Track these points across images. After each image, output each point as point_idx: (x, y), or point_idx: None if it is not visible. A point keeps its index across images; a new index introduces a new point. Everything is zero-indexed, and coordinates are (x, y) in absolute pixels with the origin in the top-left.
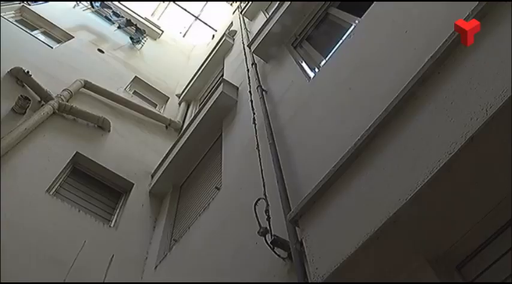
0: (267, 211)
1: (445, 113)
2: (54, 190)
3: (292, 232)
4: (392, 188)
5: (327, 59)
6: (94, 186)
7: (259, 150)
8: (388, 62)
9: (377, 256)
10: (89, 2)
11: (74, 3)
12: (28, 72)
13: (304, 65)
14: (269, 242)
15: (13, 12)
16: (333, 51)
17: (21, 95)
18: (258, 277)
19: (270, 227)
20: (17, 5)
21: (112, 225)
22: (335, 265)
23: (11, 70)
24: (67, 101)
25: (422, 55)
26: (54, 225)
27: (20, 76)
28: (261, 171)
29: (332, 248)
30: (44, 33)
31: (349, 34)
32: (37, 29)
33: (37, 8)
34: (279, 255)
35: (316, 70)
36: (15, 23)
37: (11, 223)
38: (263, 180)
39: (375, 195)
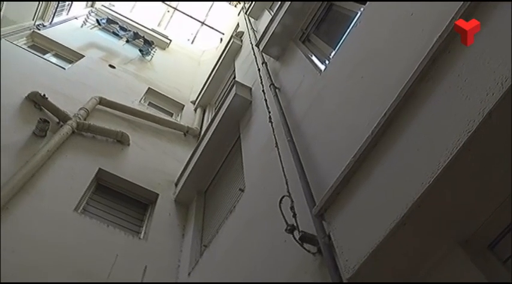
0: (292, 207)
1: (459, 91)
2: (81, 208)
3: (319, 226)
4: (413, 173)
5: (336, 49)
6: (120, 200)
7: (278, 148)
8: (397, 46)
9: (405, 242)
10: (95, 20)
11: (81, 23)
12: (44, 95)
13: (314, 58)
14: (297, 239)
15: (25, 38)
16: (341, 41)
17: (40, 118)
18: (290, 274)
19: (296, 223)
20: (28, 31)
21: (142, 237)
22: (365, 255)
23: (28, 95)
24: (84, 119)
25: (431, 35)
26: (86, 242)
27: (37, 100)
28: (282, 168)
29: (360, 239)
30: (56, 55)
31: (355, 22)
32: (48, 52)
33: (46, 31)
34: (308, 251)
35: (327, 62)
36: (27, 49)
37: (44, 244)
38: (285, 177)
39: (397, 181)
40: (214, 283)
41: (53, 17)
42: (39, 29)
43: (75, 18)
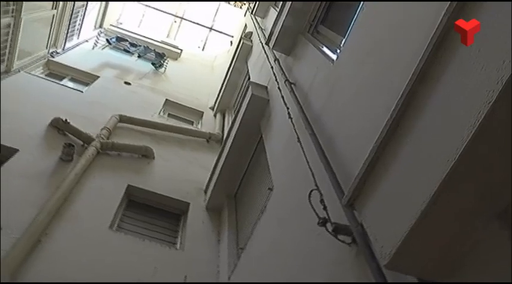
0: (321, 200)
1: (474, 62)
2: (116, 225)
3: (350, 216)
4: (438, 150)
5: (345, 37)
6: (152, 213)
7: (301, 143)
8: (406, 24)
9: (439, 222)
10: (105, 40)
11: (92, 44)
12: (66, 120)
13: (325, 49)
14: (331, 231)
15: (41, 68)
16: (350, 28)
17: (65, 143)
18: (328, 267)
19: (328, 216)
20: (43, 60)
21: (178, 247)
22: (399, 239)
23: (50, 122)
24: (108, 138)
25: (439, 9)
26: (124, 258)
27: (59, 126)
28: (307, 162)
29: (393, 224)
30: (72, 79)
31: (361, 7)
32: (65, 77)
33: (60, 58)
34: (343, 241)
35: (338, 51)
36: (45, 77)
37: (84, 264)
38: (311, 170)
39: (422, 161)
40: (253, 283)
41: (65, 42)
42: (53, 57)
43: (86, 41)
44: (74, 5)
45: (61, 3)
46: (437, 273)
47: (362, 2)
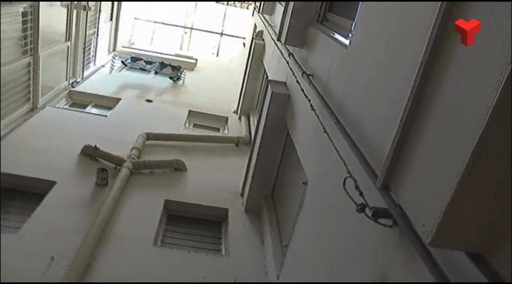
0: (357, 187)
1: (487, 25)
2: (159, 241)
3: (387, 198)
4: (464, 120)
5: (355, 20)
6: (193, 224)
7: (327, 133)
8: None
9: (475, 193)
10: (121, 62)
11: (109, 69)
12: (96, 146)
13: (336, 35)
14: (370, 216)
15: (64, 99)
16: (358, 10)
17: (98, 168)
18: (373, 253)
19: (365, 201)
20: (65, 92)
21: (223, 254)
22: (439, 215)
23: (81, 150)
24: (138, 158)
25: None
26: (173, 272)
27: (90, 153)
28: (337, 151)
29: (430, 200)
30: (95, 106)
31: None
32: (88, 104)
33: (81, 87)
34: (384, 225)
35: (350, 35)
36: (69, 108)
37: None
38: (342, 159)
39: (450, 132)
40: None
41: (83, 71)
42: (74, 87)
43: (102, 66)
44: (85, 34)
45: (73, 34)
46: (483, 244)
47: None
